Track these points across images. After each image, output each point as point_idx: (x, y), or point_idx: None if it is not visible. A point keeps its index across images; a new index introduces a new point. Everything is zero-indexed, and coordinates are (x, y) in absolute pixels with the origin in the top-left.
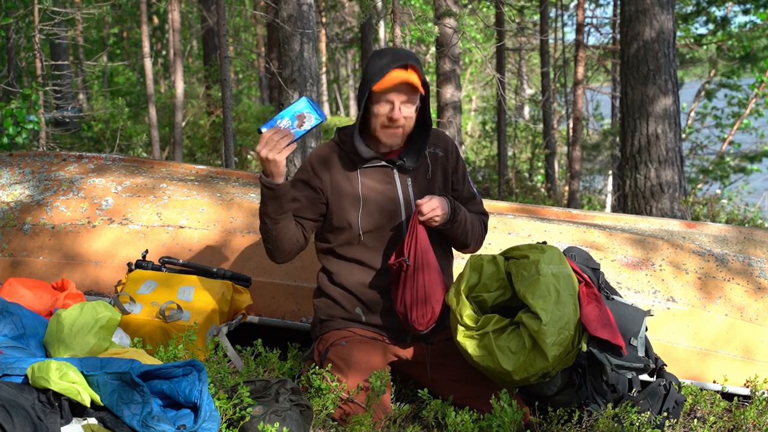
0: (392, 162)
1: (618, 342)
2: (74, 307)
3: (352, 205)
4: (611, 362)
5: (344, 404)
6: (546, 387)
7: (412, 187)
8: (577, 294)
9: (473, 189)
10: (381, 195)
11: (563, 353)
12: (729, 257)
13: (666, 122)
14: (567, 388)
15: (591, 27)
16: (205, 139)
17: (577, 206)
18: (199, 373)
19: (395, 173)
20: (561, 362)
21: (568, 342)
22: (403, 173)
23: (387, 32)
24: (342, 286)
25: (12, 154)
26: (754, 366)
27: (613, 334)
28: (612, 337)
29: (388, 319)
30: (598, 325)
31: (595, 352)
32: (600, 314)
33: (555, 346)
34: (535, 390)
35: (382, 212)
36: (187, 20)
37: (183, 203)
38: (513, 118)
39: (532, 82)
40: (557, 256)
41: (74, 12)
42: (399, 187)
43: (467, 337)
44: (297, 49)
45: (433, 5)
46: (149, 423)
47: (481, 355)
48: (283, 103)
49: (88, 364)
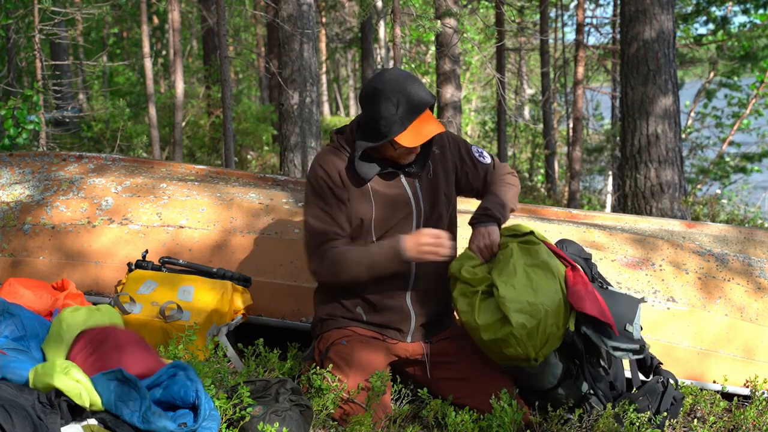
0: (398, 167)
1: (607, 320)
2: (78, 308)
3: (366, 209)
4: (606, 343)
5: (344, 404)
6: (544, 379)
7: (420, 189)
8: (560, 275)
9: (485, 159)
10: (392, 199)
11: (534, 328)
12: (729, 257)
13: (666, 122)
14: (566, 379)
15: (591, 27)
16: (205, 139)
17: (577, 206)
18: (185, 372)
19: (402, 177)
20: (542, 341)
21: (543, 318)
22: (409, 176)
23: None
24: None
25: (12, 154)
26: (754, 366)
27: (601, 311)
28: (600, 314)
29: (390, 317)
30: (585, 302)
31: (589, 334)
32: (587, 293)
33: (517, 314)
34: (533, 383)
35: (394, 215)
36: (187, 20)
37: (183, 203)
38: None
39: (532, 82)
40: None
41: (74, 12)
42: (408, 190)
43: (461, 294)
44: (297, 49)
45: (433, 5)
46: (150, 418)
47: (465, 310)
48: (283, 104)
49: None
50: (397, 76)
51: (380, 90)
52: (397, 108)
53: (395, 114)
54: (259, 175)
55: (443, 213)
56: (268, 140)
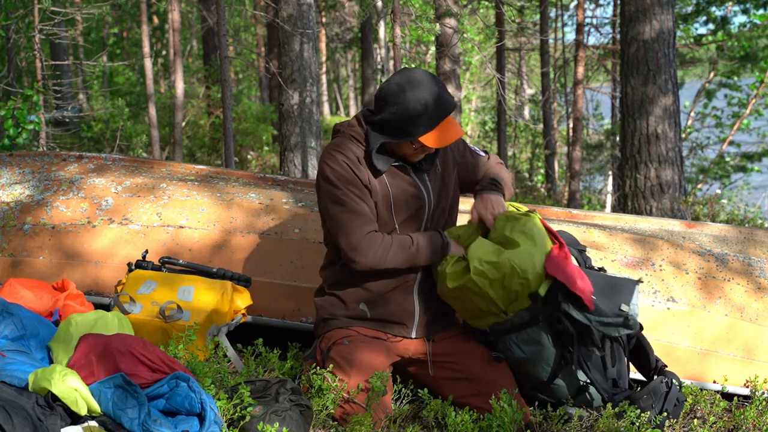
0: (408, 162)
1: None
2: (90, 313)
3: (384, 201)
4: (590, 319)
5: (345, 404)
6: (539, 369)
7: (430, 183)
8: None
9: (480, 153)
10: (406, 192)
11: (498, 280)
12: (729, 257)
13: (666, 122)
14: (562, 368)
15: (591, 27)
16: (205, 139)
17: (577, 206)
18: (187, 383)
19: (411, 171)
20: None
21: (509, 272)
22: (418, 171)
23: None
24: (351, 276)
25: (12, 154)
26: (754, 366)
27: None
28: (570, 283)
29: (395, 312)
30: (558, 269)
31: (571, 312)
32: (566, 265)
33: (478, 260)
34: (529, 369)
35: (408, 208)
36: (187, 20)
37: (183, 203)
38: (513, 118)
39: (532, 82)
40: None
41: (74, 12)
42: (420, 183)
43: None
44: (297, 49)
45: (433, 5)
46: (150, 426)
47: (439, 269)
48: (283, 104)
49: None
50: (426, 78)
51: (409, 90)
52: (426, 109)
53: (423, 115)
54: (259, 175)
55: (446, 207)
56: (268, 140)
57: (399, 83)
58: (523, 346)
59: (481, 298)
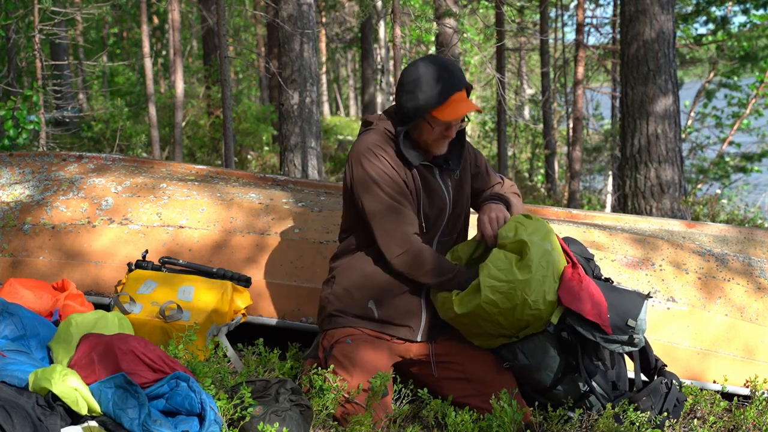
0: (434, 162)
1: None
2: (90, 313)
3: (415, 198)
4: (594, 335)
5: (345, 404)
6: (543, 375)
7: (451, 187)
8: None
9: (497, 174)
10: (433, 191)
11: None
12: (729, 257)
13: (666, 122)
14: (565, 375)
15: (591, 27)
16: (205, 139)
17: (577, 206)
18: (187, 383)
19: (436, 172)
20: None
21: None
22: (442, 172)
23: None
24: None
25: (12, 154)
26: (754, 366)
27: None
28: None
29: (402, 314)
30: (572, 299)
31: (576, 326)
32: (581, 290)
33: (490, 288)
34: (533, 375)
35: (433, 207)
36: (187, 20)
37: (183, 203)
38: (513, 118)
39: (532, 82)
40: (543, 230)
41: (74, 12)
42: (443, 185)
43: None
44: (297, 49)
45: (433, 5)
46: (150, 426)
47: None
48: (283, 104)
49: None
50: (439, 59)
51: (422, 68)
52: (436, 82)
53: (435, 86)
54: (259, 175)
55: (461, 214)
56: (268, 140)
57: (413, 64)
58: (528, 353)
59: (491, 324)
